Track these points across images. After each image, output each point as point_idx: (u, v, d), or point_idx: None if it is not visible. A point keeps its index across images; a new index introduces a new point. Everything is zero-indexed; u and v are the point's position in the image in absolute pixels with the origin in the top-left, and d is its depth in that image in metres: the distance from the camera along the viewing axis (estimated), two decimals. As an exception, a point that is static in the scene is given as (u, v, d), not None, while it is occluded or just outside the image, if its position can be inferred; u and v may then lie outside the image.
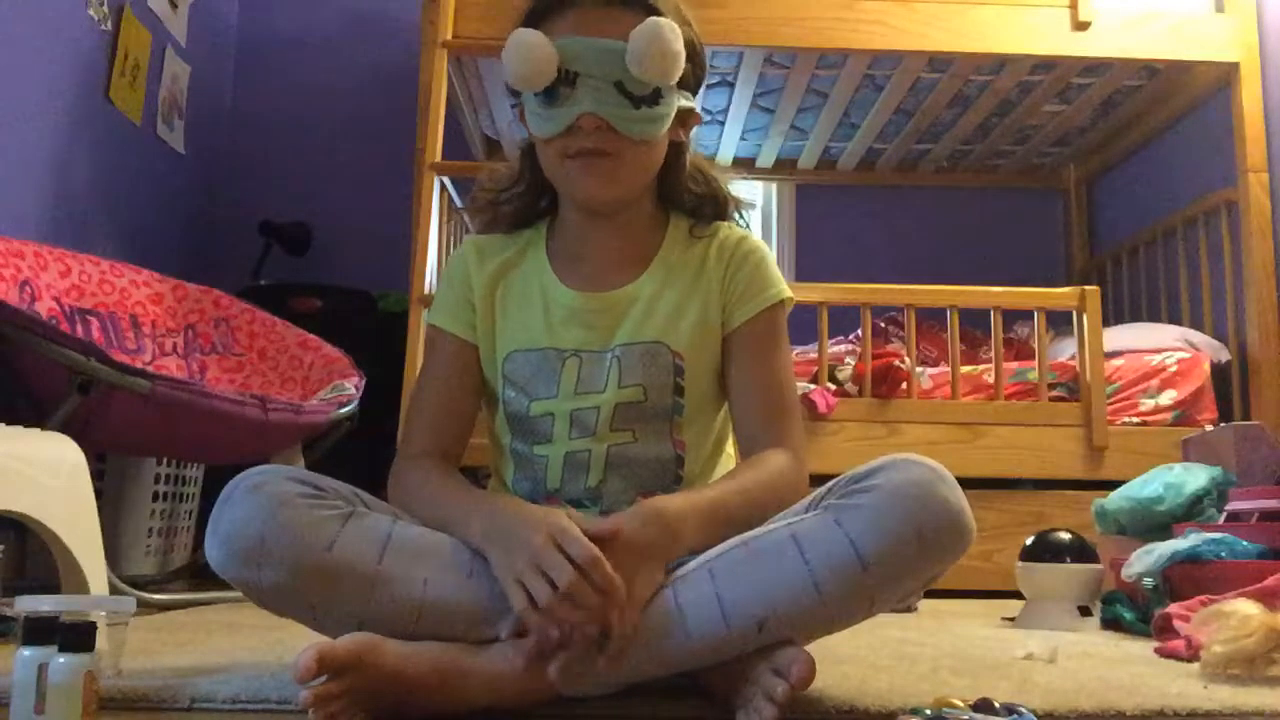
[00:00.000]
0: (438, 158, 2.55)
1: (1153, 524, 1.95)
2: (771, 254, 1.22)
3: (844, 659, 1.27)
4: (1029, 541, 1.88)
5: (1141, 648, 1.47)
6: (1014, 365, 2.80)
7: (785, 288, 1.18)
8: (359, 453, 2.27)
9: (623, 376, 1.12)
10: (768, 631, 0.92)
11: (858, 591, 0.93)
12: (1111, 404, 2.64)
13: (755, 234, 1.24)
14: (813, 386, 2.57)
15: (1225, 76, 2.84)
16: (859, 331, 2.75)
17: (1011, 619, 1.88)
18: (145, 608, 1.83)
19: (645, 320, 1.14)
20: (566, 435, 1.12)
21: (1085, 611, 1.79)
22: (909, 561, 0.92)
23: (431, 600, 0.96)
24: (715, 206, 1.22)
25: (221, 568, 0.98)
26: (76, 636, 0.80)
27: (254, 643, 1.40)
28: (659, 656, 0.93)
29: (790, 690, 0.87)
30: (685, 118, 1.17)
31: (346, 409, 2.25)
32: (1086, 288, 2.70)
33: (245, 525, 0.95)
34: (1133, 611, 1.71)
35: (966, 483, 0.98)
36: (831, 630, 0.98)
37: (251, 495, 0.96)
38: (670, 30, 1.06)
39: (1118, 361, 2.72)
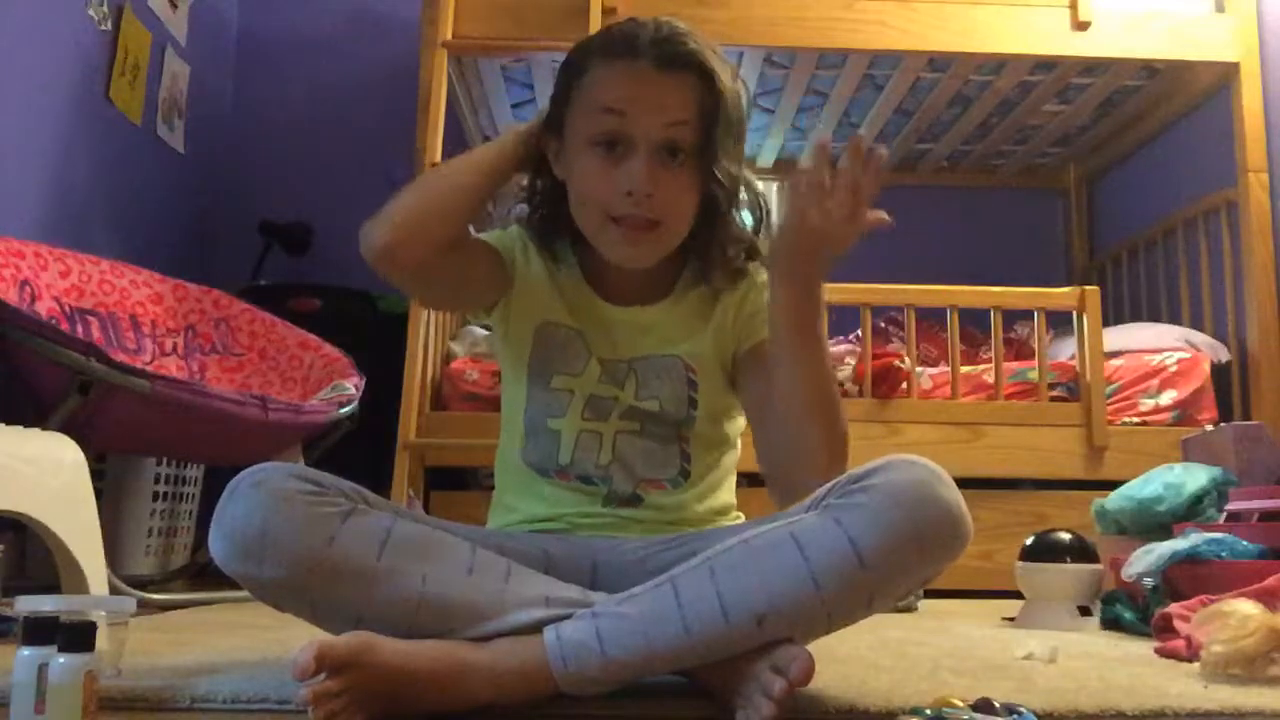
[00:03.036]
0: (438, 158, 2.55)
1: (1153, 524, 1.95)
2: None
3: (844, 659, 1.27)
4: (1029, 541, 1.88)
5: (1141, 648, 1.47)
6: (1014, 365, 2.80)
7: None
8: (360, 453, 2.27)
9: (639, 390, 1.18)
10: (767, 628, 0.92)
11: (857, 589, 0.93)
12: (1111, 404, 2.64)
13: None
14: (813, 386, 2.57)
15: (1225, 76, 2.84)
16: (859, 331, 2.75)
17: (1011, 619, 1.88)
18: (145, 608, 1.83)
19: (661, 338, 1.19)
20: (580, 414, 1.17)
21: (1085, 611, 1.79)
22: (907, 561, 0.93)
23: (430, 596, 0.96)
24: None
25: (224, 562, 0.99)
26: (76, 636, 0.80)
27: (254, 643, 1.40)
28: (658, 653, 0.93)
29: (789, 687, 0.87)
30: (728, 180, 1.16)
31: (346, 409, 2.25)
32: (1086, 288, 2.70)
33: (247, 520, 0.97)
34: (1133, 611, 1.71)
35: (966, 483, 0.99)
36: (831, 629, 0.98)
37: (254, 491, 0.98)
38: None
39: (1118, 361, 2.72)
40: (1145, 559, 1.66)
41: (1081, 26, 2.76)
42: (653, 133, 1.09)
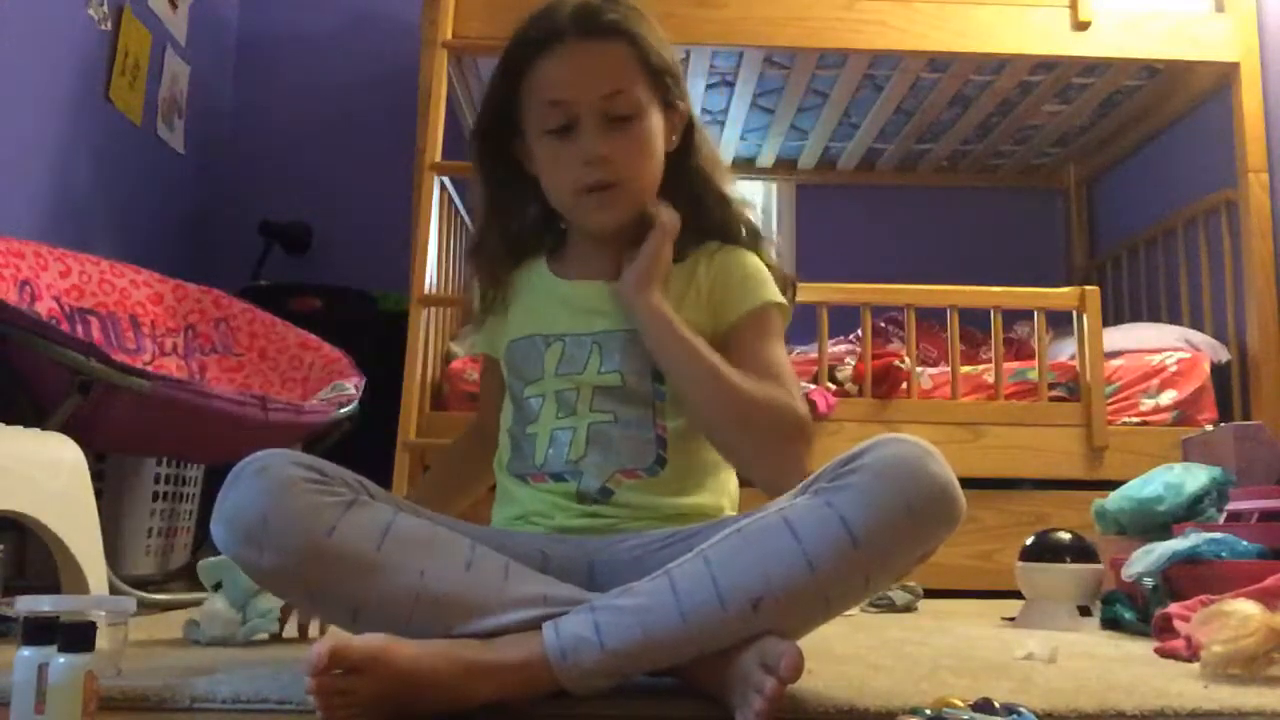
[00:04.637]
0: (438, 158, 2.55)
1: (1153, 524, 1.94)
2: (762, 268, 1.23)
3: (844, 659, 1.27)
4: (1029, 541, 1.88)
5: (1141, 648, 1.47)
6: (1014, 365, 2.80)
7: (773, 293, 1.21)
8: (359, 454, 2.26)
9: (602, 362, 1.18)
10: (763, 613, 0.92)
11: (851, 568, 0.93)
12: (1111, 404, 2.64)
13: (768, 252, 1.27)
14: (813, 386, 2.57)
15: (1225, 76, 2.84)
16: (859, 331, 2.75)
17: (1011, 619, 1.88)
18: (145, 608, 1.83)
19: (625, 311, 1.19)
20: (553, 415, 1.18)
21: (1085, 611, 1.79)
22: (900, 536, 0.94)
23: (429, 590, 0.97)
24: (724, 233, 1.26)
25: (225, 547, 1.00)
26: (76, 636, 0.80)
27: (253, 642, 1.40)
28: (656, 642, 0.93)
29: (779, 685, 0.87)
30: (672, 123, 1.23)
31: (346, 409, 2.25)
32: (1086, 288, 2.70)
33: (249, 507, 0.98)
34: (1133, 611, 1.71)
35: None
36: (829, 613, 0.98)
37: (257, 478, 0.99)
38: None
39: (1118, 361, 2.72)
40: (1145, 559, 1.66)
41: (1081, 26, 2.76)
42: (594, 105, 1.15)
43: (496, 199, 1.27)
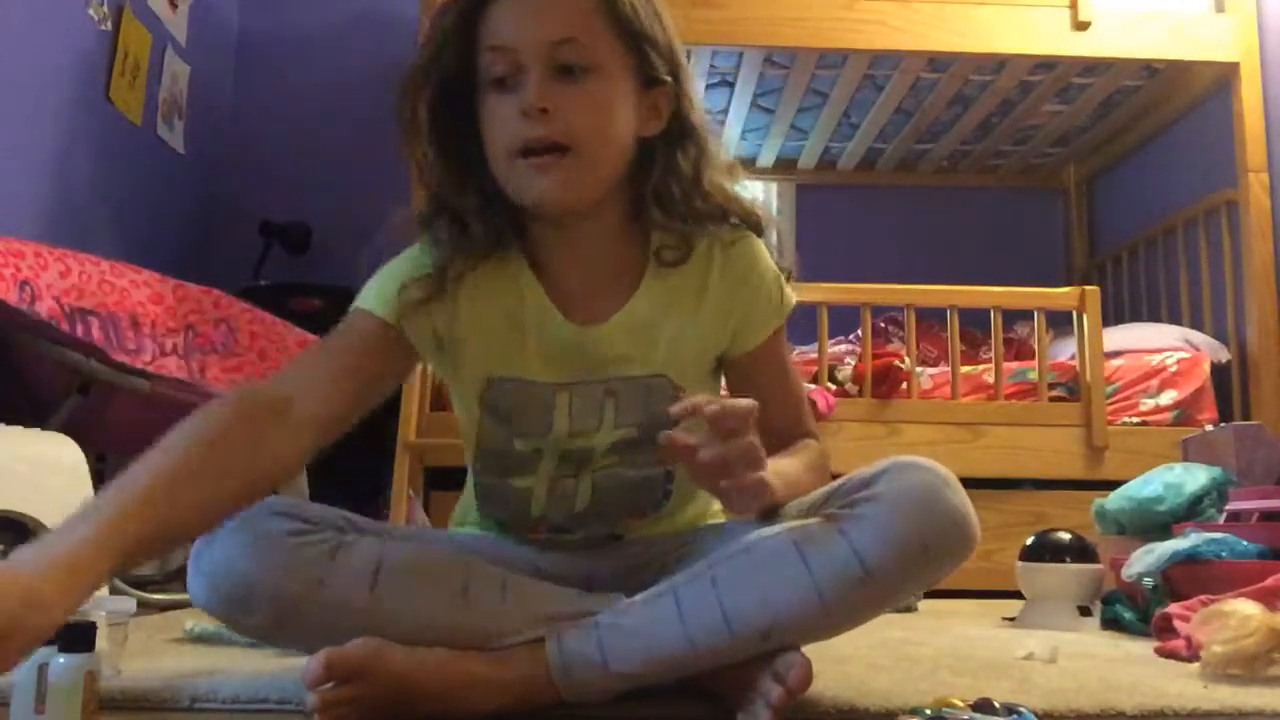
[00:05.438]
0: (438, 158, 2.55)
1: (1153, 524, 1.95)
2: (776, 269, 1.10)
3: (844, 659, 1.27)
4: (1029, 541, 1.88)
5: (1141, 648, 1.47)
6: (1014, 365, 2.80)
7: (790, 295, 1.11)
8: (360, 454, 2.26)
9: (619, 416, 1.06)
10: (772, 640, 0.91)
11: (862, 599, 0.92)
12: (1111, 404, 2.64)
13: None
14: (813, 386, 2.57)
15: (1225, 76, 2.84)
16: (859, 331, 2.75)
17: (1011, 619, 1.88)
18: (145, 608, 1.83)
19: (645, 350, 1.06)
20: (553, 468, 1.08)
21: (1085, 611, 1.79)
22: (914, 570, 0.92)
23: (426, 626, 0.94)
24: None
25: (206, 605, 0.95)
26: (76, 636, 0.80)
27: (252, 644, 1.40)
28: (661, 664, 0.92)
29: (787, 695, 0.87)
30: (654, 104, 1.04)
31: (346, 409, 2.24)
32: (1086, 288, 2.70)
33: (230, 566, 0.93)
34: (1133, 611, 1.71)
35: (966, 483, 0.98)
36: (836, 634, 0.97)
37: (236, 535, 0.93)
38: None
39: (1118, 361, 2.72)
40: (1145, 559, 1.66)
41: (1081, 26, 2.76)
42: (541, 53, 0.97)
43: (445, 178, 1.07)
